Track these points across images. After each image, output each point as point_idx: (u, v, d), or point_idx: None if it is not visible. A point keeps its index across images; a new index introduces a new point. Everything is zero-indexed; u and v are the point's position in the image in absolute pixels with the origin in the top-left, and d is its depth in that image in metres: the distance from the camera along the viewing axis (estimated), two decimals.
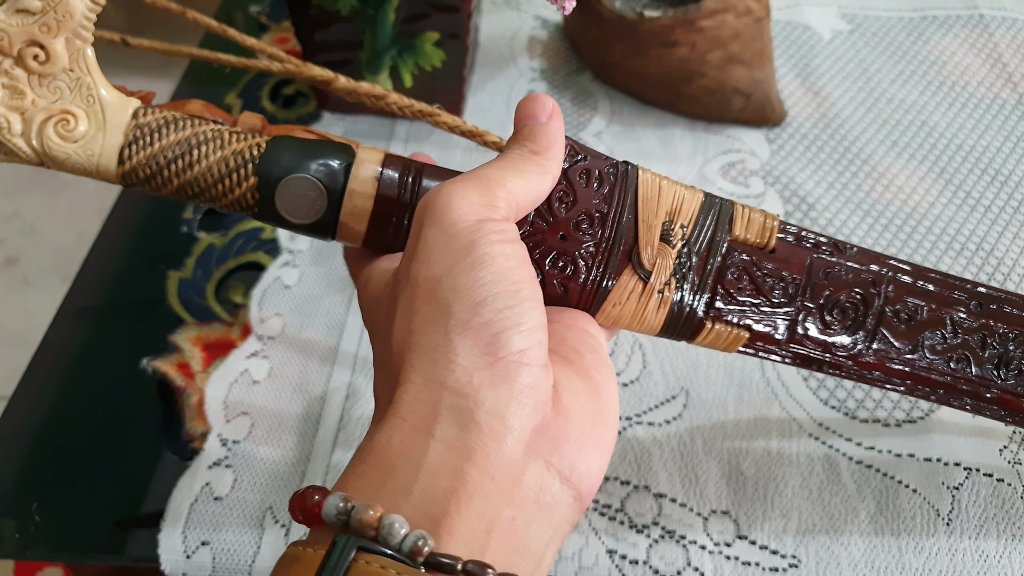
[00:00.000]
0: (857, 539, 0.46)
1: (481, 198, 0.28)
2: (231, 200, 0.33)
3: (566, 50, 0.76)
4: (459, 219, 0.28)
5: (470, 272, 0.27)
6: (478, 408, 0.25)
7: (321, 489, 0.26)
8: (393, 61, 0.64)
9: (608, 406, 0.29)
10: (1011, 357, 0.39)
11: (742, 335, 0.35)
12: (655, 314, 0.34)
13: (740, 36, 0.64)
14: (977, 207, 0.63)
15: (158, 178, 0.33)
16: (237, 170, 0.33)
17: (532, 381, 0.26)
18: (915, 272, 0.38)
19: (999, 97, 0.72)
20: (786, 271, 0.36)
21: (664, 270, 0.34)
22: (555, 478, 0.26)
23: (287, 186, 0.33)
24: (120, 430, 0.51)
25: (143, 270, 0.60)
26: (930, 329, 0.38)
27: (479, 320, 0.26)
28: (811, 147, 0.68)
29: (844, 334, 0.37)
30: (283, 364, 0.53)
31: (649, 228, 0.34)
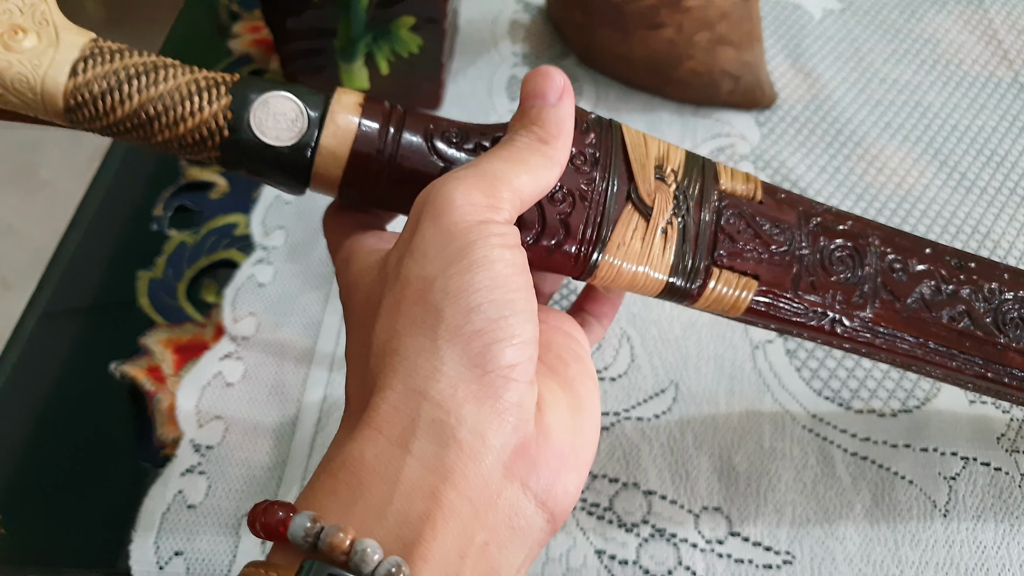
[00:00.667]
0: (852, 533, 0.44)
1: (485, 198, 0.27)
2: (198, 122, 0.30)
3: (550, 34, 0.74)
4: (460, 219, 0.26)
5: (466, 275, 0.25)
6: (460, 425, 0.24)
7: (286, 505, 0.24)
8: (368, 48, 0.61)
9: (589, 424, 0.28)
10: (1006, 312, 0.38)
11: (751, 283, 0.34)
12: (661, 256, 0.32)
13: (728, 16, 0.62)
14: (973, 189, 0.62)
15: (115, 94, 0.29)
16: (208, 89, 0.30)
17: (518, 399, 0.25)
18: (890, 229, 0.38)
19: (994, 76, 0.70)
20: (779, 218, 0.35)
21: (664, 204, 0.33)
22: (531, 501, 0.25)
23: (264, 103, 0.30)
24: (89, 437, 0.50)
25: (111, 270, 0.58)
26: (924, 279, 0.37)
27: (471, 328, 0.25)
28: (802, 130, 0.66)
29: (847, 279, 0.36)
30: (258, 366, 0.52)
31: (643, 167, 0.33)
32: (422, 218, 0.27)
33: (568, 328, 0.32)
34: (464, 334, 0.25)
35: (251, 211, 0.60)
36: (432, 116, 0.32)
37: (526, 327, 0.26)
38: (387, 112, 0.31)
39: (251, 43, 0.74)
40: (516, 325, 0.25)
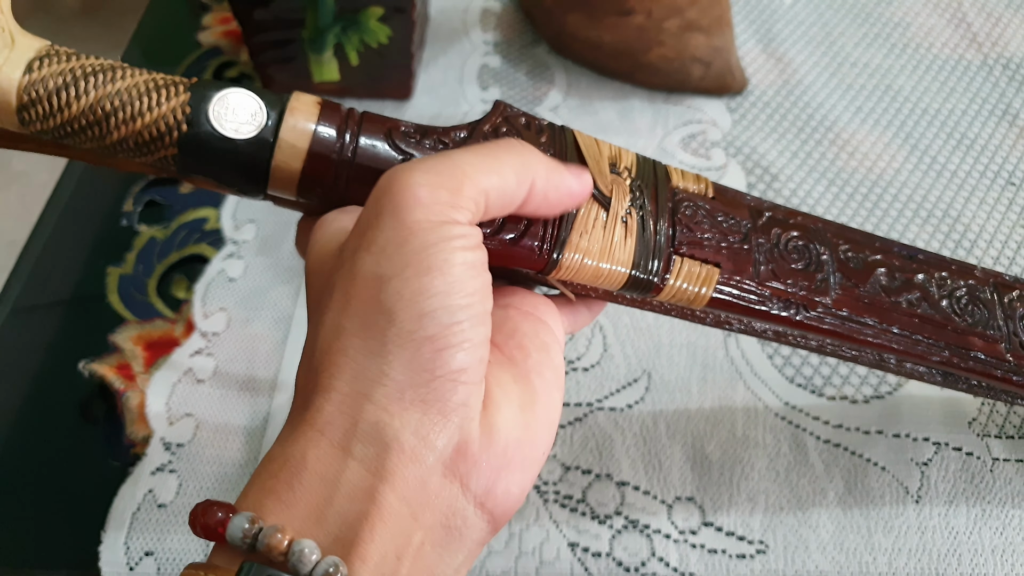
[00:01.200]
0: (826, 521, 0.45)
1: (450, 196, 0.25)
2: (156, 116, 0.29)
3: (521, 21, 0.73)
4: (422, 217, 0.25)
5: (423, 278, 0.24)
6: (404, 428, 0.24)
7: (226, 505, 0.23)
8: (337, 39, 0.61)
9: (543, 420, 0.28)
10: (958, 298, 0.39)
11: (713, 271, 0.34)
12: (623, 245, 0.32)
13: (697, 2, 0.61)
14: (943, 172, 0.62)
15: (70, 90, 0.28)
16: (167, 87, 0.29)
17: (464, 399, 0.25)
18: (840, 224, 0.39)
19: (964, 58, 0.70)
20: (732, 212, 0.35)
21: (622, 196, 0.32)
22: (469, 502, 0.25)
23: (224, 99, 0.29)
24: (58, 436, 0.49)
25: (81, 267, 0.57)
26: (878, 268, 0.38)
27: (423, 334, 0.24)
28: (774, 115, 0.66)
29: (806, 269, 0.36)
30: (229, 361, 0.51)
31: (597, 163, 0.33)
32: (382, 210, 0.25)
33: (542, 313, 0.31)
34: (415, 339, 0.24)
35: (222, 205, 0.60)
36: (391, 118, 0.32)
37: (478, 330, 0.25)
38: (345, 112, 0.31)
39: (221, 35, 0.73)
40: (468, 329, 0.25)
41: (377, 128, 0.31)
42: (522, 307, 0.31)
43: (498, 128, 0.32)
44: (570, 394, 0.50)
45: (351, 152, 0.30)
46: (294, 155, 0.30)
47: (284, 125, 0.30)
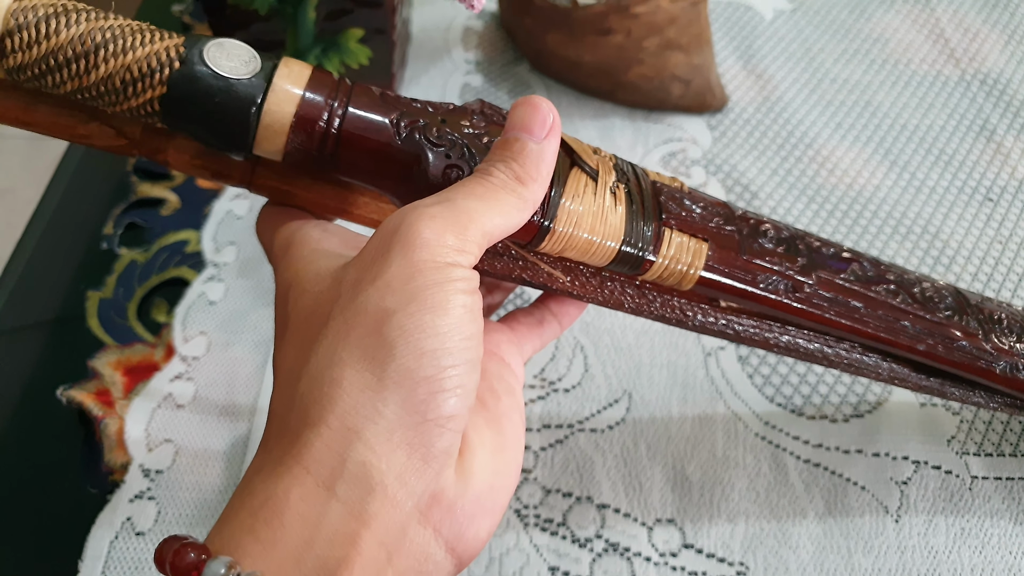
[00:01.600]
0: (806, 541, 0.45)
1: (456, 240, 0.26)
2: (147, 53, 0.28)
3: (502, 40, 0.73)
4: (430, 258, 0.25)
5: (426, 315, 0.25)
6: (388, 471, 0.24)
7: (199, 546, 0.23)
8: (318, 60, 0.61)
9: (511, 465, 0.28)
10: (930, 296, 0.39)
11: (702, 245, 0.34)
12: (615, 211, 0.32)
13: (676, 21, 0.62)
14: (922, 188, 0.62)
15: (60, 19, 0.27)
16: (160, 33, 0.29)
17: (447, 446, 0.25)
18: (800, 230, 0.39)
19: (942, 74, 0.71)
20: (710, 204, 0.36)
21: (608, 171, 0.33)
22: (440, 547, 0.25)
23: (220, 45, 0.29)
24: (35, 463, 0.49)
25: (61, 290, 0.57)
26: (851, 263, 0.38)
27: (421, 373, 0.24)
28: (754, 132, 0.66)
29: (787, 252, 0.36)
30: (209, 386, 0.51)
31: (580, 146, 0.33)
32: (390, 246, 0.26)
33: (504, 351, 0.32)
34: (413, 378, 0.24)
35: (202, 227, 0.60)
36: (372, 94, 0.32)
37: (471, 377, 0.25)
38: (337, 77, 0.31)
39: None
40: (463, 375, 0.25)
41: (369, 89, 0.31)
42: (487, 345, 0.31)
43: (484, 109, 0.33)
44: (551, 415, 0.50)
45: (344, 104, 0.30)
46: (288, 99, 0.29)
47: (279, 72, 0.29)
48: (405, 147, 0.30)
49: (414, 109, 0.31)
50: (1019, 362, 0.40)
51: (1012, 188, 0.62)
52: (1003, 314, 0.42)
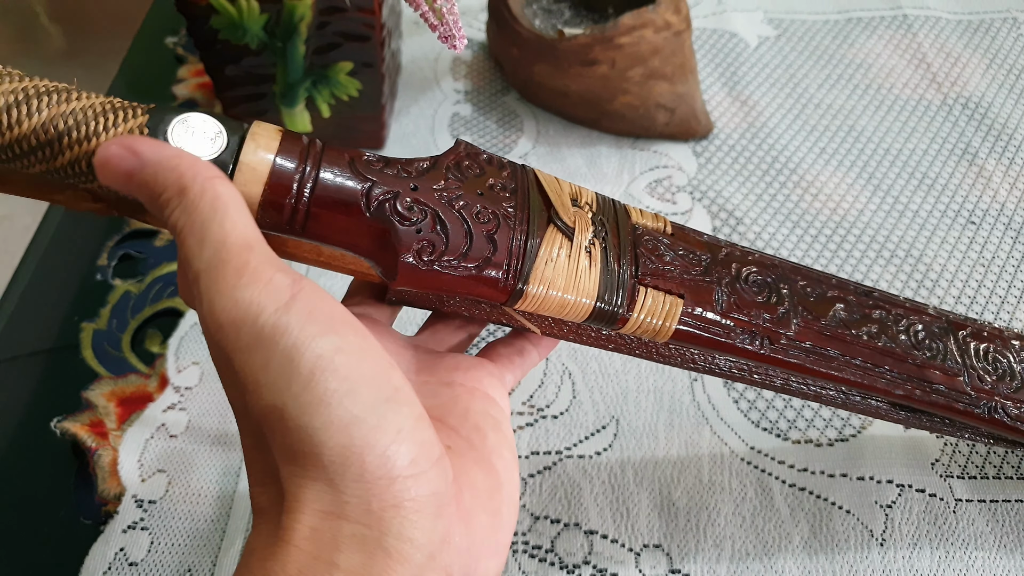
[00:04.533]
0: (792, 566, 0.45)
1: (250, 289, 0.23)
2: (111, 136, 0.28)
3: (491, 70, 0.75)
4: (254, 330, 0.23)
5: (315, 388, 0.23)
6: (384, 535, 0.23)
7: None
8: (308, 92, 0.62)
9: (508, 503, 0.27)
10: (915, 332, 0.39)
11: (677, 302, 0.34)
12: (588, 274, 0.32)
13: (660, 51, 0.63)
14: (905, 212, 0.63)
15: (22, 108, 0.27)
16: (124, 109, 0.28)
17: (431, 489, 0.24)
18: (792, 264, 0.39)
19: (924, 98, 0.72)
20: (692, 247, 0.36)
21: (585, 227, 0.33)
22: None
23: (184, 122, 0.28)
24: (28, 494, 0.49)
25: (55, 322, 0.58)
26: (836, 303, 0.38)
27: (359, 443, 0.23)
28: (739, 158, 0.67)
29: (767, 302, 0.36)
30: (201, 416, 0.52)
31: (559, 197, 0.33)
32: (227, 353, 0.24)
33: (487, 385, 0.31)
34: (354, 452, 0.23)
35: None
36: (353, 148, 0.32)
37: (403, 411, 0.24)
38: (306, 141, 0.30)
39: (196, 87, 0.74)
40: (395, 418, 0.24)
41: (339, 156, 0.31)
42: (467, 383, 0.31)
43: (461, 162, 0.32)
44: (539, 442, 0.50)
45: (312, 179, 0.30)
46: (254, 179, 0.29)
47: (245, 149, 0.29)
48: (375, 220, 0.30)
49: (385, 177, 0.31)
50: (999, 403, 0.40)
51: (994, 211, 0.63)
52: (991, 347, 0.42)
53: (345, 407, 0.23)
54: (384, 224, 0.30)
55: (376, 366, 0.24)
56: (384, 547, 0.23)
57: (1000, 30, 0.79)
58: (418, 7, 0.40)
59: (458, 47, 0.39)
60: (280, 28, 0.57)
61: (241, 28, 0.57)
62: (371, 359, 0.24)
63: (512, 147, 0.68)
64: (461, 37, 0.39)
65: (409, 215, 0.30)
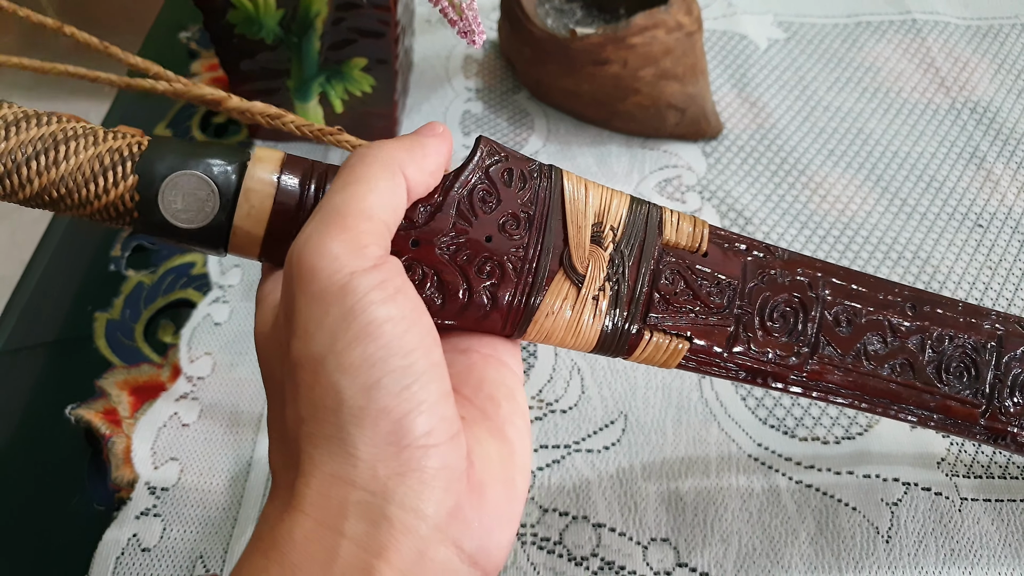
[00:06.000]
0: (798, 561, 0.46)
1: (344, 245, 0.25)
2: (105, 204, 0.29)
3: (502, 68, 0.75)
4: (328, 282, 0.24)
5: (356, 349, 0.24)
6: (388, 503, 0.23)
7: None
8: (322, 88, 0.62)
9: (521, 472, 0.28)
10: (949, 360, 0.38)
11: (681, 347, 0.33)
12: (590, 325, 0.32)
13: (671, 52, 0.63)
14: (913, 215, 0.64)
15: (13, 178, 0.28)
16: (113, 168, 0.28)
17: (442, 462, 0.24)
18: (848, 274, 0.37)
19: (932, 102, 0.72)
20: (721, 275, 0.34)
21: (598, 273, 0.32)
22: (464, 563, 0.25)
23: (172, 184, 0.28)
24: (43, 481, 0.50)
25: (69, 312, 0.58)
26: (870, 331, 0.36)
27: (376, 407, 0.24)
28: (748, 159, 0.67)
29: (786, 337, 0.35)
30: (214, 405, 0.52)
31: (579, 229, 0.32)
32: (293, 290, 0.25)
33: (501, 353, 0.31)
34: (370, 414, 0.24)
35: None
36: None
37: (431, 387, 0.25)
38: (307, 172, 0.30)
39: (209, 81, 0.74)
40: (420, 391, 0.24)
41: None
42: (483, 350, 0.30)
43: (474, 192, 0.31)
44: (548, 436, 0.51)
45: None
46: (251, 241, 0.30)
47: (238, 212, 0.29)
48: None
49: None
50: (1012, 434, 0.39)
51: (1001, 214, 0.64)
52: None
53: (373, 372, 0.24)
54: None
55: (419, 340, 0.25)
56: (387, 516, 0.23)
57: (1009, 35, 0.79)
58: (437, 2, 0.40)
59: (477, 42, 0.39)
60: (296, 23, 0.58)
61: (257, 23, 0.57)
62: (416, 333, 0.25)
63: (523, 145, 0.68)
64: (480, 32, 0.40)
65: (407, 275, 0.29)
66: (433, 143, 0.29)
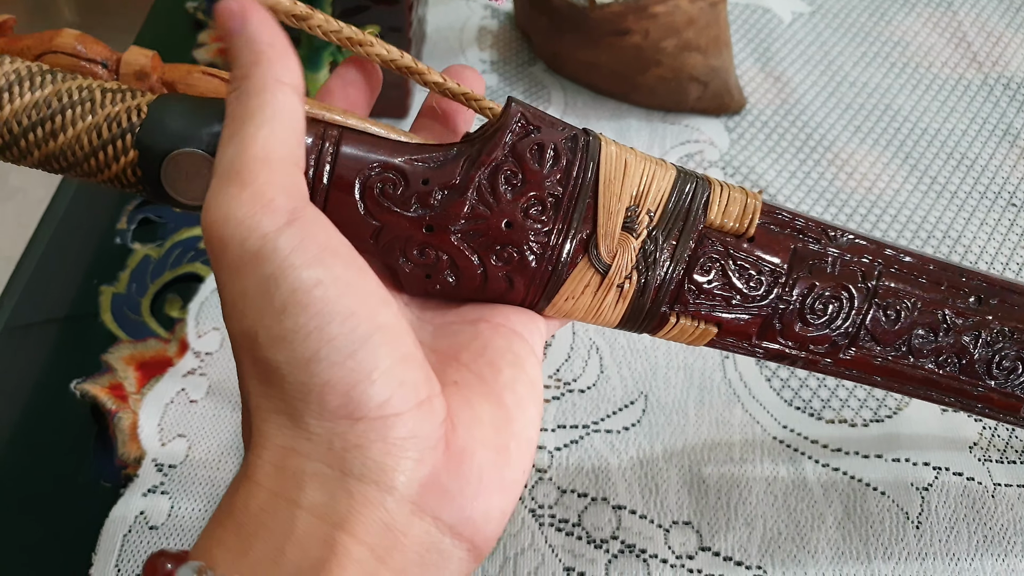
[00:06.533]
0: (824, 546, 0.44)
1: (248, 205, 0.22)
2: (109, 176, 0.28)
3: (517, 40, 0.73)
4: (240, 250, 0.22)
5: (284, 321, 0.22)
6: (347, 476, 0.22)
7: (177, 555, 0.22)
8: (333, 57, 0.61)
9: (519, 439, 0.26)
10: (1004, 356, 0.35)
11: (710, 330, 0.31)
12: (613, 309, 0.30)
13: (695, 22, 0.61)
14: (944, 192, 0.62)
15: (14, 149, 0.27)
16: (112, 141, 0.27)
17: (408, 431, 0.23)
18: (912, 263, 0.33)
19: (964, 78, 0.70)
20: (765, 261, 0.31)
21: (626, 262, 0.29)
22: (445, 535, 0.23)
23: (175, 164, 0.27)
24: (48, 457, 0.49)
25: (74, 285, 0.57)
26: (921, 326, 0.34)
27: (318, 381, 0.22)
28: (772, 135, 0.65)
29: (824, 330, 0.33)
30: (222, 381, 0.51)
31: (610, 215, 0.29)
32: (213, 265, 0.23)
33: (514, 322, 0.29)
34: (314, 389, 0.22)
35: None
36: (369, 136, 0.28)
37: (382, 351, 0.23)
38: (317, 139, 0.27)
39: (217, 52, 0.73)
40: (368, 358, 0.22)
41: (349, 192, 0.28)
42: (493, 319, 0.29)
43: (500, 169, 0.28)
44: (566, 416, 0.49)
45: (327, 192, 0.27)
46: None
47: None
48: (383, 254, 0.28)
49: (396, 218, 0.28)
50: None
51: None
52: None
53: (308, 344, 0.22)
54: (391, 262, 0.28)
55: (359, 302, 0.23)
56: (346, 488, 0.22)
57: None
58: None
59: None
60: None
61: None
62: (355, 295, 0.23)
63: None
64: None
65: (419, 259, 0.28)
66: (255, 28, 0.25)
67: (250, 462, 0.23)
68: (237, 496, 0.23)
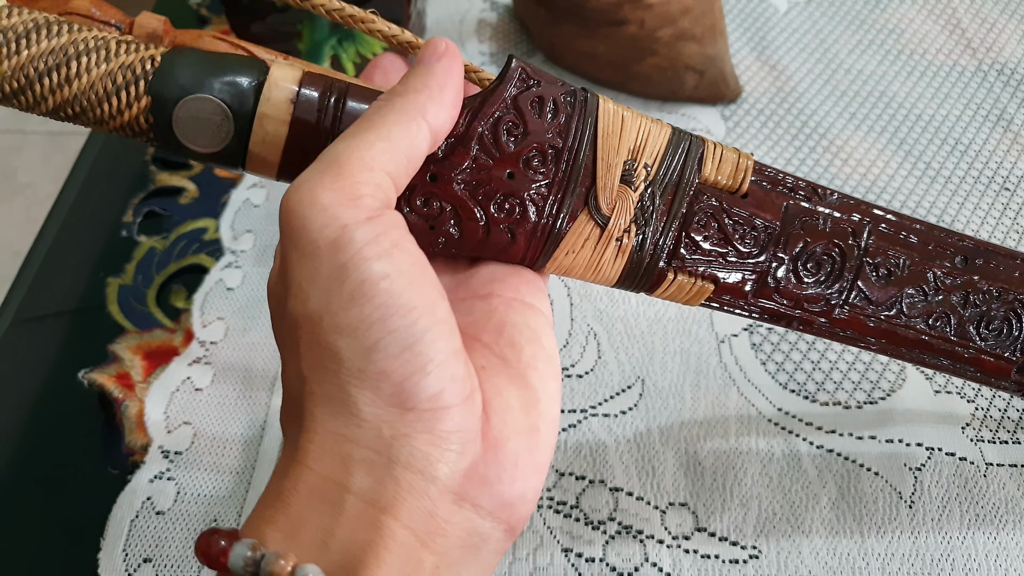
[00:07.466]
0: (819, 526, 0.45)
1: (336, 195, 0.23)
2: (120, 124, 0.28)
3: (516, 32, 0.74)
4: (318, 235, 0.23)
5: (351, 309, 0.23)
6: (393, 464, 0.23)
7: (229, 533, 0.23)
8: (334, 50, 0.61)
9: (547, 418, 0.26)
10: (992, 316, 0.36)
11: (707, 287, 0.32)
12: (612, 263, 0.31)
13: (690, 11, 0.62)
14: (937, 178, 0.62)
15: (28, 94, 0.27)
16: (126, 87, 0.28)
17: (455, 424, 0.23)
18: (899, 222, 0.35)
19: (958, 64, 0.71)
20: (759, 218, 0.32)
21: (624, 215, 0.30)
22: (485, 519, 0.24)
23: (186, 108, 0.28)
24: (56, 445, 0.50)
25: (81, 277, 0.58)
26: (911, 285, 0.35)
27: (375, 369, 0.23)
28: (768, 123, 0.66)
29: (818, 288, 0.34)
30: (227, 369, 0.52)
31: (609, 167, 0.30)
32: (285, 245, 0.24)
33: (524, 294, 0.30)
34: (370, 376, 0.23)
35: (220, 215, 0.60)
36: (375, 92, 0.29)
37: (437, 345, 0.23)
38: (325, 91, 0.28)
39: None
40: (424, 350, 0.23)
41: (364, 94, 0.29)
42: (505, 293, 0.29)
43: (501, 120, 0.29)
44: (565, 401, 0.50)
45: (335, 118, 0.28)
46: (266, 167, 0.29)
47: (253, 138, 0.28)
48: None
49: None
50: None
51: None
52: None
53: (371, 334, 0.23)
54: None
55: (421, 297, 0.24)
56: (393, 476, 0.23)
57: None
58: None
59: None
60: None
61: None
62: (418, 289, 0.24)
63: None
64: None
65: (423, 210, 0.29)
66: (442, 69, 0.27)
67: (300, 446, 0.24)
68: (287, 479, 0.23)
